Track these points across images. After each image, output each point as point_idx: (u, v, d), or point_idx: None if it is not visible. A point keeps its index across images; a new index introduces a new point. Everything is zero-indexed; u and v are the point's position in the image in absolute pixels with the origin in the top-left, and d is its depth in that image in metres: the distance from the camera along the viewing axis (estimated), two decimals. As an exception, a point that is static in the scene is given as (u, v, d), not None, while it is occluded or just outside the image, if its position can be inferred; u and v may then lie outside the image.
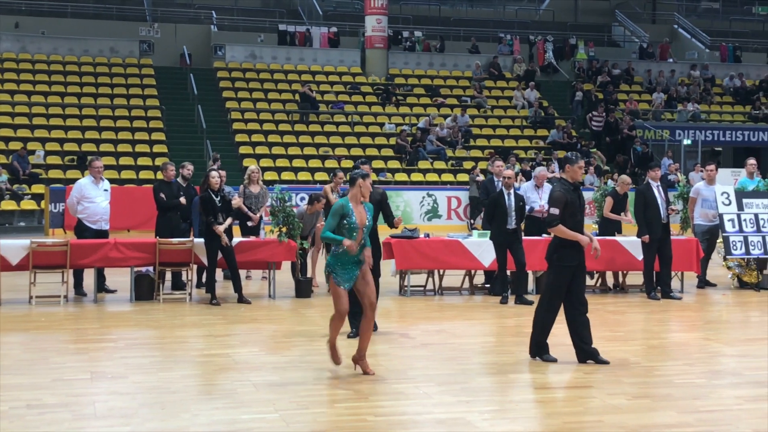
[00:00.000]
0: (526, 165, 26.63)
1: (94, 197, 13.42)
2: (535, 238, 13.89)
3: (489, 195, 13.68)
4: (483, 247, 13.52)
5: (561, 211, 8.89)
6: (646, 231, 13.45)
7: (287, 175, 27.88)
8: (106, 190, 13.62)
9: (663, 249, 13.55)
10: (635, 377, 8.50)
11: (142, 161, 27.98)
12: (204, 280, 13.67)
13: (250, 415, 7.09)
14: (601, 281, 14.76)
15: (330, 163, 28.45)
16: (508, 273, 13.29)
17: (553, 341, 9.12)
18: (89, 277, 13.42)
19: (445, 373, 8.58)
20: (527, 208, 13.82)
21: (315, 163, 29.07)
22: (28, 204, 25.41)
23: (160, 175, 15.56)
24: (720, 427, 6.91)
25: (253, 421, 6.95)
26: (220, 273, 14.08)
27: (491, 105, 34.40)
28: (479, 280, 14.47)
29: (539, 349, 9.08)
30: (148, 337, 10.93)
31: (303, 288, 13.49)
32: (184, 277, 13.60)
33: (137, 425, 6.82)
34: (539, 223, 14.30)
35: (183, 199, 13.73)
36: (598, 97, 35.02)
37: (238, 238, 13.45)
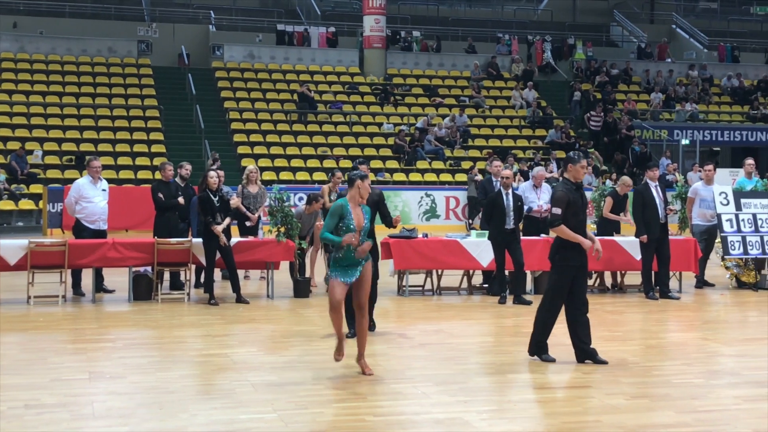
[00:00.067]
0: (524, 165, 26.63)
1: (92, 197, 13.42)
2: (534, 238, 13.90)
3: (487, 195, 13.69)
4: (481, 247, 13.52)
5: (563, 211, 8.86)
6: (644, 231, 13.46)
7: (285, 175, 27.86)
8: (104, 190, 13.62)
9: (661, 249, 13.56)
10: (634, 377, 8.51)
11: (140, 161, 27.96)
12: (202, 280, 13.66)
13: (248, 415, 7.09)
14: (600, 281, 14.76)
15: (328, 163, 28.43)
16: (507, 273, 13.30)
17: (552, 341, 9.12)
18: (87, 277, 13.40)
19: (443, 373, 8.58)
20: (525, 208, 13.82)
21: (313, 163, 29.05)
22: (26, 204, 25.36)
23: (158, 175, 15.57)
24: (718, 426, 6.91)
25: (251, 421, 6.95)
26: (218, 273, 14.09)
27: (489, 105, 34.39)
28: (477, 280, 14.47)
29: (539, 349, 9.08)
30: (147, 337, 10.93)
31: (301, 288, 13.49)
32: (183, 277, 13.59)
33: (135, 425, 6.82)
34: (537, 223, 14.33)
35: (181, 199, 13.72)
36: (596, 97, 35.02)
37: (236, 238, 13.45)
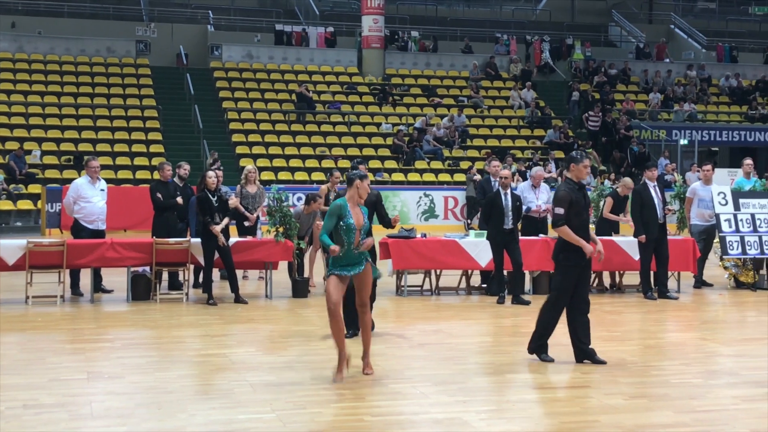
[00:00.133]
0: (521, 165, 26.62)
1: (90, 197, 13.41)
2: (532, 238, 13.89)
3: (486, 195, 13.69)
4: (480, 247, 13.52)
5: (566, 211, 8.84)
6: (642, 231, 13.46)
7: (284, 175, 27.85)
8: (102, 190, 13.61)
9: (660, 249, 13.56)
10: (632, 377, 8.51)
11: (138, 161, 27.96)
12: (201, 280, 13.66)
13: (247, 415, 7.08)
14: (598, 281, 14.76)
15: (327, 163, 28.43)
16: (505, 273, 13.30)
17: (551, 341, 9.11)
18: (86, 277, 13.40)
19: (442, 373, 8.58)
20: (524, 208, 13.83)
21: (312, 163, 29.05)
22: (24, 204, 25.36)
23: (156, 175, 15.58)
24: (717, 426, 6.92)
25: (250, 421, 6.95)
26: (217, 273, 14.09)
27: (488, 105, 34.40)
28: (476, 280, 14.47)
29: (539, 348, 9.07)
30: (145, 337, 10.93)
31: (300, 288, 13.48)
32: (181, 277, 13.58)
33: (134, 425, 6.82)
34: (536, 223, 14.34)
35: (180, 199, 13.72)
36: (594, 97, 35.03)
37: (234, 238, 13.43)
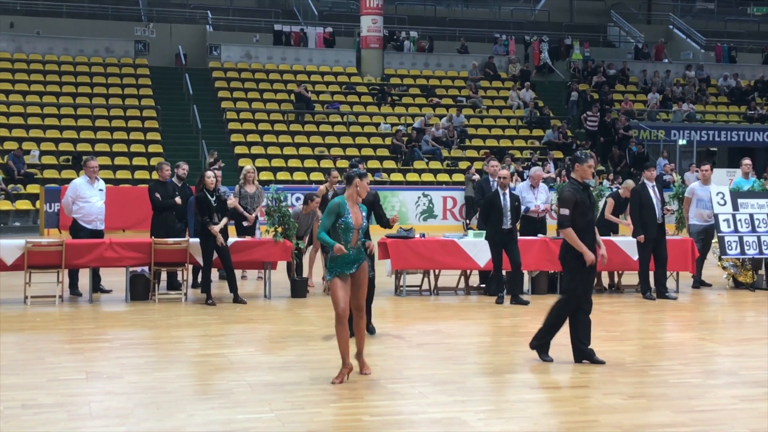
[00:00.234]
0: (519, 165, 26.61)
1: (89, 197, 13.40)
2: (531, 238, 13.90)
3: (484, 195, 13.68)
4: (478, 247, 13.52)
5: (571, 212, 8.82)
6: (641, 231, 13.47)
7: (283, 175, 27.85)
8: (101, 190, 13.61)
9: (658, 249, 13.56)
10: (631, 377, 8.51)
11: (137, 161, 27.95)
12: (200, 280, 13.65)
13: (245, 415, 7.08)
14: (597, 281, 14.76)
15: (325, 163, 28.43)
16: (504, 273, 13.30)
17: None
18: (84, 277, 13.40)
19: (440, 373, 8.58)
20: (523, 208, 13.83)
21: (310, 163, 29.05)
22: (23, 204, 25.35)
23: (155, 175, 15.56)
24: (715, 426, 6.92)
25: (248, 421, 6.95)
26: (215, 273, 14.08)
27: (486, 105, 34.40)
28: (475, 280, 14.47)
29: (540, 346, 9.05)
30: (144, 337, 10.92)
31: (299, 288, 13.48)
32: (180, 277, 13.58)
33: (133, 425, 6.82)
34: (535, 223, 14.35)
35: (178, 199, 13.72)
36: (593, 98, 35.05)
37: (233, 238, 13.43)
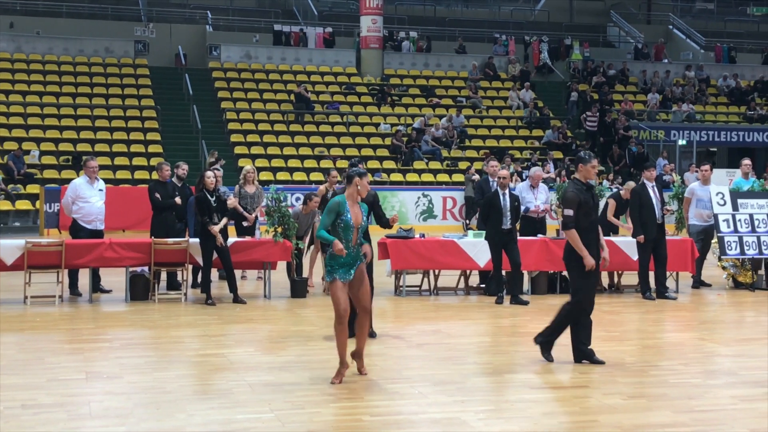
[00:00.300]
0: (518, 165, 26.60)
1: (89, 197, 13.41)
2: (531, 238, 13.90)
3: (484, 195, 13.68)
4: (478, 248, 13.53)
5: (575, 212, 8.80)
6: (641, 231, 13.47)
7: (282, 175, 27.85)
8: (101, 190, 13.61)
9: (658, 249, 13.57)
10: (631, 377, 8.51)
11: (137, 161, 27.95)
12: (199, 280, 13.65)
13: (245, 415, 7.08)
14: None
15: (325, 163, 28.42)
16: (504, 273, 13.31)
17: (548, 341, 9.13)
18: (84, 277, 13.40)
19: (440, 373, 8.58)
20: (522, 208, 13.84)
21: (310, 163, 29.05)
22: (23, 204, 25.35)
23: (155, 175, 15.56)
24: (715, 426, 6.92)
25: (248, 421, 6.95)
26: (215, 273, 14.08)
27: (486, 105, 34.40)
28: (474, 280, 14.47)
29: (544, 344, 9.04)
30: (144, 337, 10.92)
31: (298, 288, 13.48)
32: (180, 277, 13.58)
33: (132, 425, 6.82)
34: (534, 224, 14.35)
35: (178, 199, 13.72)
36: (593, 98, 35.04)
37: (233, 238, 13.43)
